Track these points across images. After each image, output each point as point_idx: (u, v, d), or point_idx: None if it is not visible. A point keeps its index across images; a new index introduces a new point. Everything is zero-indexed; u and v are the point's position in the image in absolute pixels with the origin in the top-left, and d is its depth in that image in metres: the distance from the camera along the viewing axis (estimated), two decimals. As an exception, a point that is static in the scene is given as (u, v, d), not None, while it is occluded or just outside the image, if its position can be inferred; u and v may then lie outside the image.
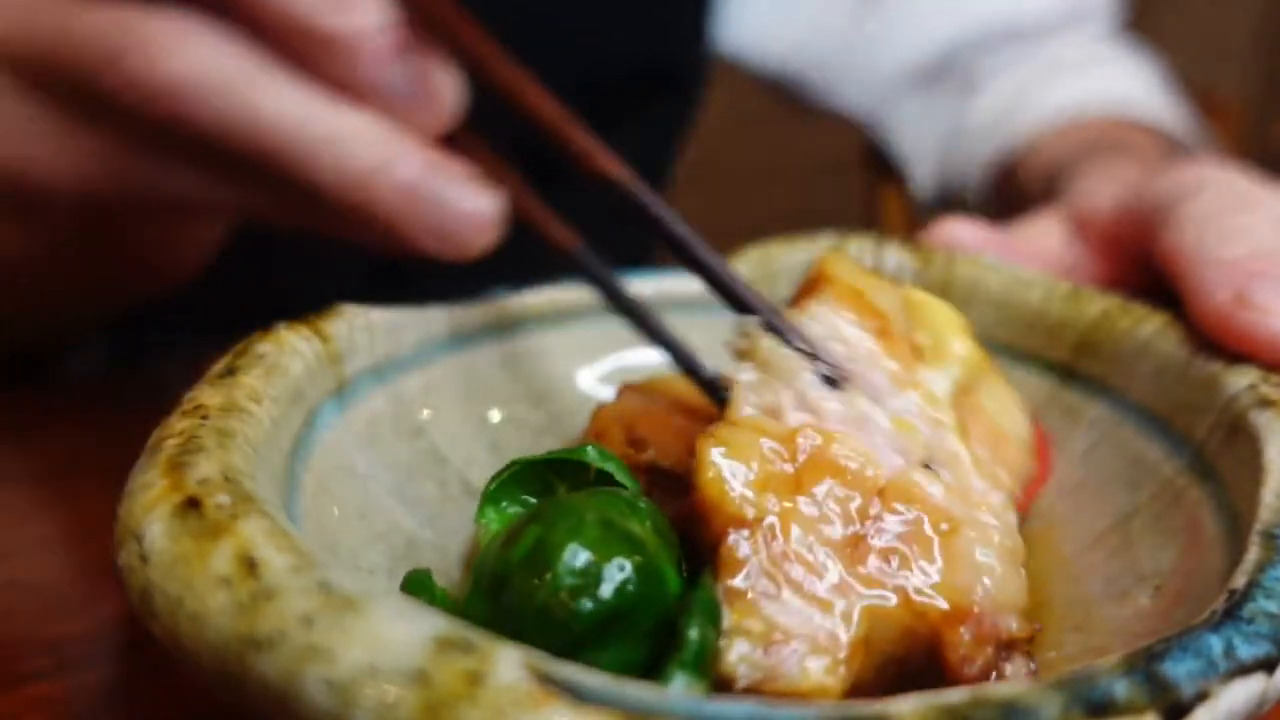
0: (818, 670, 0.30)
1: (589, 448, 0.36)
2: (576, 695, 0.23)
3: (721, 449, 0.32)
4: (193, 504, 0.28)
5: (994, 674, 0.31)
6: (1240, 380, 0.37)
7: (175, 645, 0.27)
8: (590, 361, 0.49)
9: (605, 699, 0.23)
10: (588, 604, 0.29)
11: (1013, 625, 0.32)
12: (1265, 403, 0.36)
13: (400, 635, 0.24)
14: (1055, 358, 0.45)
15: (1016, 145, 0.85)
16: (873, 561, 0.32)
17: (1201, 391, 0.39)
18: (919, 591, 0.32)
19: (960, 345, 0.38)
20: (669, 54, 0.87)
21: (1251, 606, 0.28)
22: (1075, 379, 0.44)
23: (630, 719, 0.23)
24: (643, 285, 0.49)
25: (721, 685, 0.30)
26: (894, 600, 0.31)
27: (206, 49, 0.39)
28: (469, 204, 0.40)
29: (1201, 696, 0.25)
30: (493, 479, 0.37)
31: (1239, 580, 0.29)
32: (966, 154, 0.90)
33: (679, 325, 0.44)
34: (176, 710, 0.36)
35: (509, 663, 0.23)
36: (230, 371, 0.36)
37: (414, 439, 0.43)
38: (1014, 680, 0.31)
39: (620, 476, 0.36)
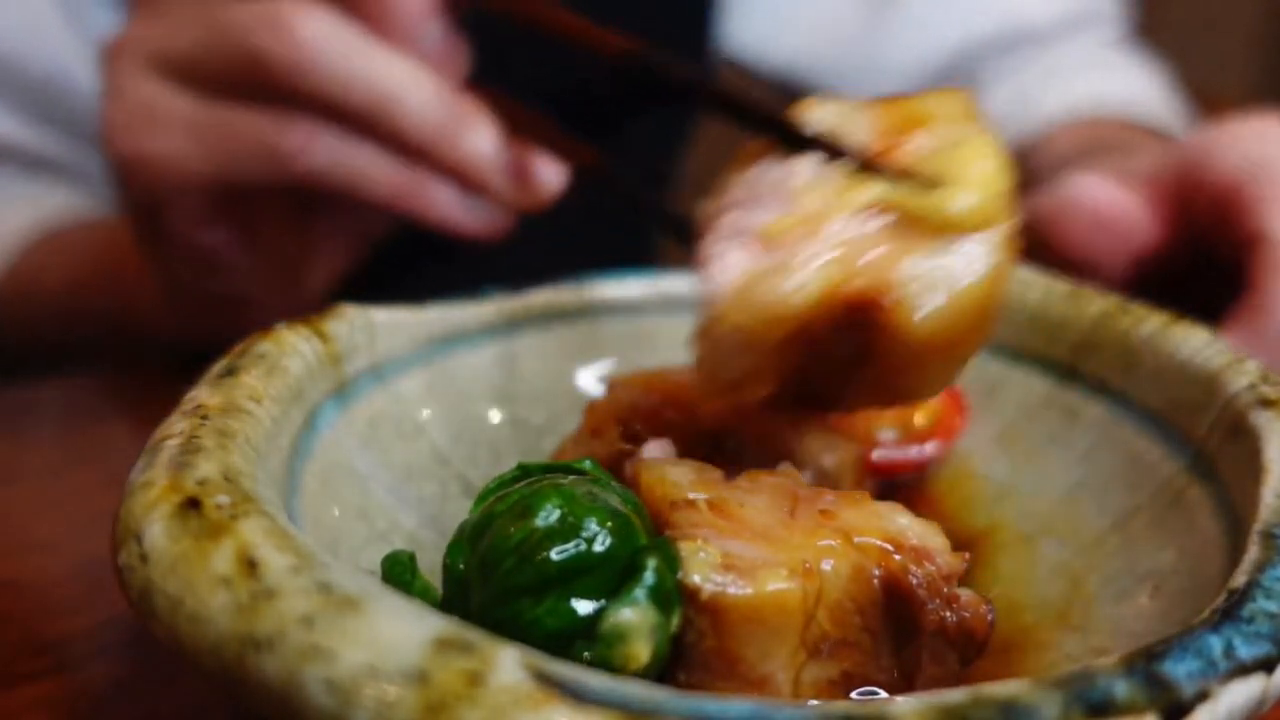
0: (776, 580, 0.31)
1: (587, 461, 0.36)
2: (576, 695, 0.23)
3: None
4: (193, 504, 0.28)
5: (953, 605, 0.32)
6: (1240, 379, 0.37)
7: (175, 645, 0.27)
8: (590, 361, 0.49)
9: (605, 699, 0.23)
10: (559, 551, 0.30)
11: (949, 560, 0.33)
12: (1265, 402, 0.36)
13: (400, 635, 0.24)
14: (1055, 357, 0.45)
15: (1022, 144, 0.85)
16: (808, 515, 0.34)
17: (1201, 391, 0.39)
18: (857, 531, 0.33)
19: (964, 198, 0.35)
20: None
21: (1251, 606, 0.28)
22: (1075, 379, 0.44)
23: (630, 719, 0.23)
24: (642, 286, 0.49)
25: (686, 597, 0.31)
26: (836, 542, 0.32)
27: (329, 19, 0.50)
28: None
29: (1201, 696, 0.25)
30: (492, 480, 0.37)
31: (1239, 580, 0.29)
32: None
33: (677, 326, 0.45)
34: (176, 710, 0.36)
35: (509, 663, 0.23)
36: (230, 371, 0.36)
37: (414, 439, 0.43)
38: (969, 604, 0.33)
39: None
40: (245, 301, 0.59)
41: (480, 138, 0.50)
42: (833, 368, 0.35)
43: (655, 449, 0.38)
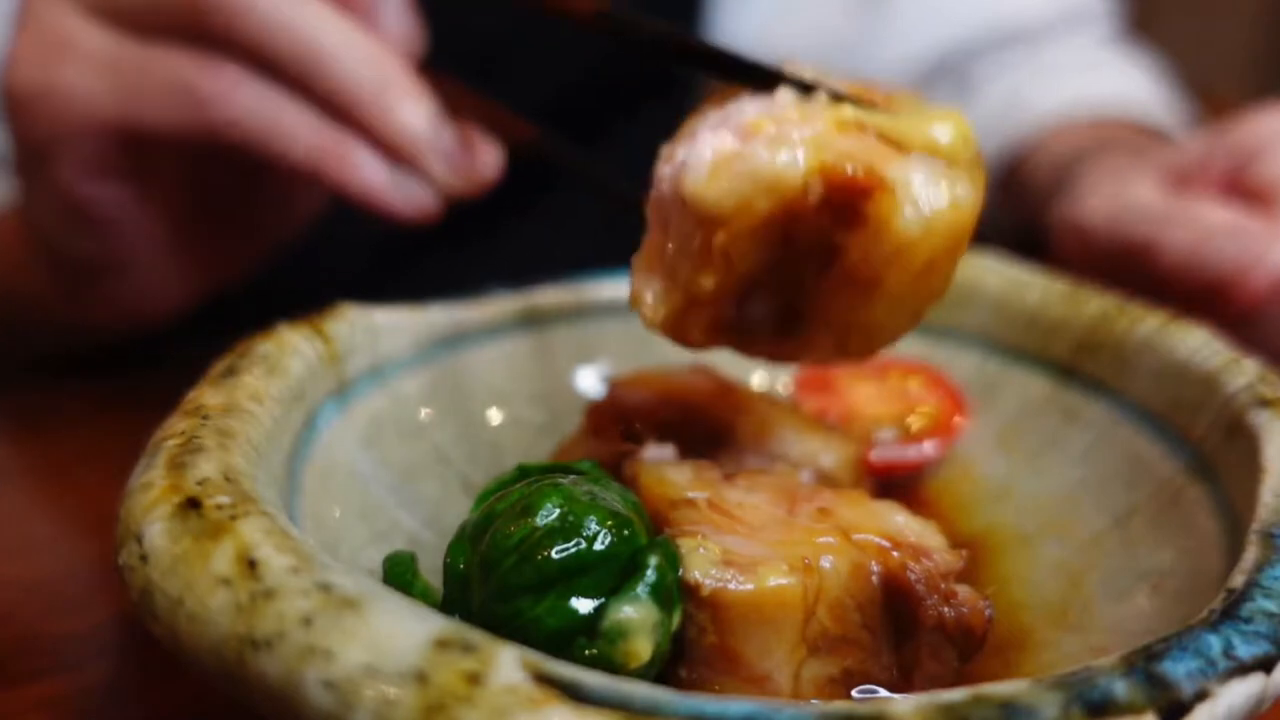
0: (776, 576, 0.31)
1: (586, 462, 0.36)
2: (576, 695, 0.23)
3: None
4: (193, 504, 0.28)
5: (951, 601, 0.32)
6: (1238, 379, 0.37)
7: (175, 645, 0.27)
8: (590, 361, 0.49)
9: (605, 699, 0.23)
10: (559, 550, 0.30)
11: (946, 557, 0.33)
12: (1263, 401, 0.36)
13: (399, 635, 0.24)
14: (1054, 357, 0.45)
15: (1018, 144, 0.85)
16: (806, 514, 0.34)
17: (1200, 390, 0.39)
18: (856, 529, 0.33)
19: (943, 129, 0.34)
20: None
21: (1250, 606, 0.28)
22: (1074, 378, 0.44)
23: (630, 718, 0.23)
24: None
25: (687, 593, 0.31)
26: (835, 540, 0.33)
27: None
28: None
29: (1201, 696, 0.25)
30: (492, 480, 0.37)
31: (1237, 580, 0.29)
32: None
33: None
34: (176, 710, 0.36)
35: (508, 663, 0.23)
36: (231, 371, 0.36)
37: (414, 439, 0.43)
38: (967, 601, 0.32)
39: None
40: (124, 271, 0.55)
41: (414, 108, 0.47)
42: (793, 272, 0.33)
43: (655, 449, 0.38)
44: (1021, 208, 0.82)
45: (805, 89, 0.34)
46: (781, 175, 0.31)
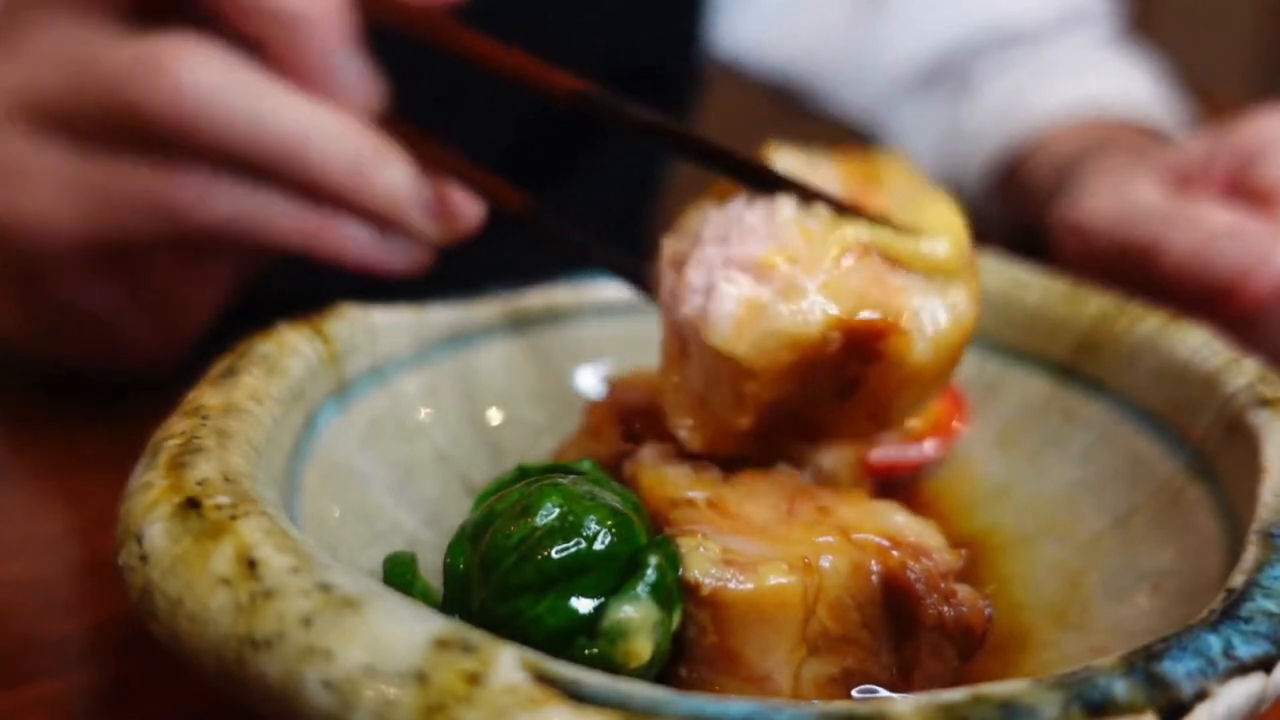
0: (776, 575, 0.31)
1: (585, 462, 0.36)
2: (576, 695, 0.23)
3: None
4: (192, 504, 0.28)
5: (951, 601, 0.33)
6: (1238, 379, 0.37)
7: (175, 645, 0.27)
8: (590, 361, 0.49)
9: (605, 699, 0.23)
10: (559, 550, 0.30)
11: (946, 557, 0.33)
12: (1263, 401, 0.36)
13: (399, 636, 0.24)
14: (1054, 357, 0.45)
15: (1017, 145, 0.85)
16: (806, 514, 0.35)
17: (1200, 390, 0.39)
18: (855, 528, 0.34)
19: (941, 245, 0.36)
20: (659, 55, 0.87)
21: (1250, 605, 0.28)
22: (1074, 378, 0.44)
23: (630, 719, 0.23)
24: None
25: (687, 593, 0.31)
26: (834, 539, 0.33)
27: (216, 61, 0.44)
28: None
29: (1201, 696, 0.25)
30: (491, 481, 0.37)
31: (1237, 579, 0.29)
32: (964, 154, 0.90)
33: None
34: (176, 710, 0.36)
35: (508, 663, 0.23)
36: (231, 372, 0.36)
37: (414, 439, 0.43)
38: (967, 600, 0.33)
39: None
40: (113, 332, 0.54)
41: (394, 174, 0.46)
42: (817, 397, 0.35)
43: (655, 449, 0.38)
44: (1021, 208, 0.82)
45: (805, 196, 0.35)
46: (802, 331, 0.33)
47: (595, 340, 0.49)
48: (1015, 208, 0.83)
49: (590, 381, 0.49)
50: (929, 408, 0.38)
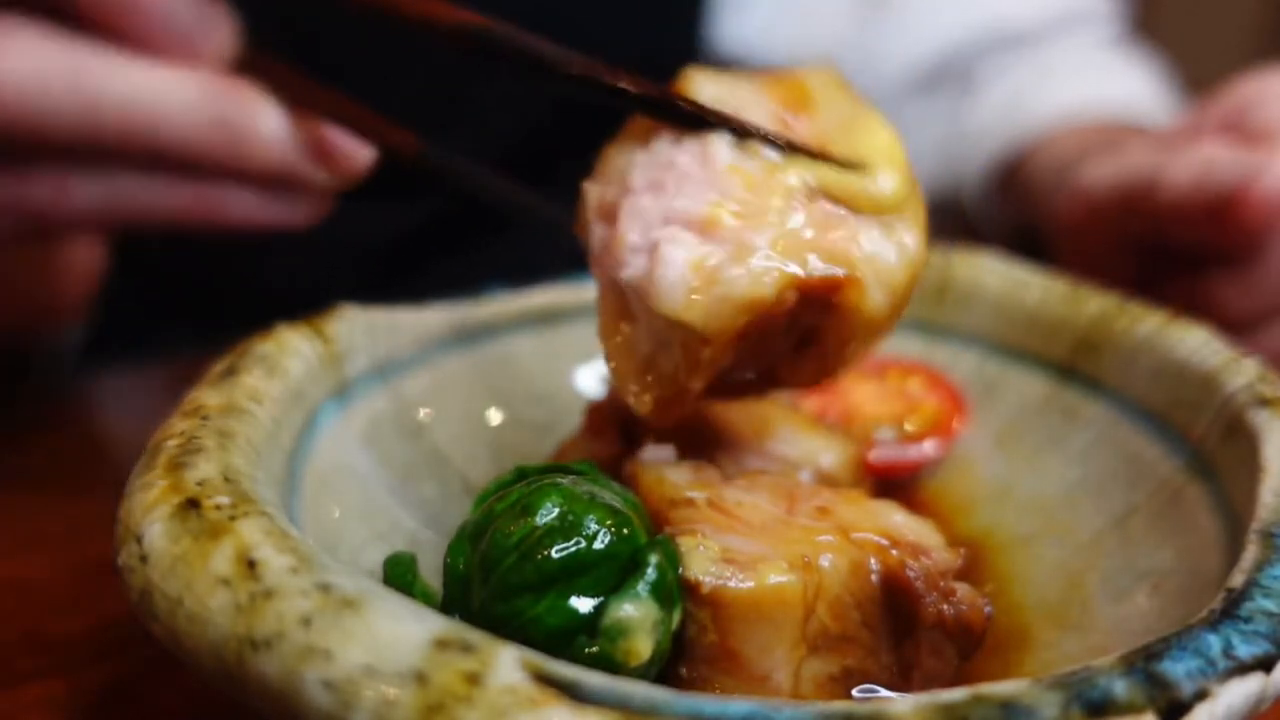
0: (776, 573, 0.31)
1: (584, 463, 0.36)
2: (575, 695, 0.23)
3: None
4: (192, 505, 0.28)
5: (950, 599, 0.33)
6: (1237, 378, 0.37)
7: (175, 645, 0.27)
8: (590, 361, 0.49)
9: (604, 699, 0.23)
10: (559, 549, 0.30)
11: (945, 555, 0.33)
12: (1263, 401, 0.36)
13: (399, 636, 0.24)
14: (1054, 357, 0.45)
15: (1020, 145, 0.85)
16: (805, 513, 0.34)
17: (1199, 389, 0.39)
18: (854, 528, 0.33)
19: (886, 180, 0.35)
20: (661, 55, 0.87)
21: (1250, 605, 0.28)
22: (1074, 378, 0.44)
23: (629, 718, 0.23)
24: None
25: (688, 591, 0.31)
26: (834, 538, 0.33)
27: (25, 43, 0.39)
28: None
29: (1200, 695, 0.25)
30: (491, 482, 0.37)
31: (1237, 579, 0.29)
32: (964, 155, 0.90)
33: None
34: (176, 710, 0.36)
35: (507, 663, 0.23)
36: (231, 372, 0.36)
37: (414, 439, 0.43)
38: (966, 598, 0.33)
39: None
40: None
41: (265, 124, 0.41)
42: (773, 351, 0.35)
43: (654, 449, 0.38)
44: (1022, 208, 0.82)
45: (739, 135, 0.34)
46: (757, 294, 0.32)
47: (595, 340, 0.49)
48: (1016, 208, 0.83)
49: (590, 381, 0.49)
50: (879, 346, 0.37)
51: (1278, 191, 0.53)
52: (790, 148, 0.34)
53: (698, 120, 0.34)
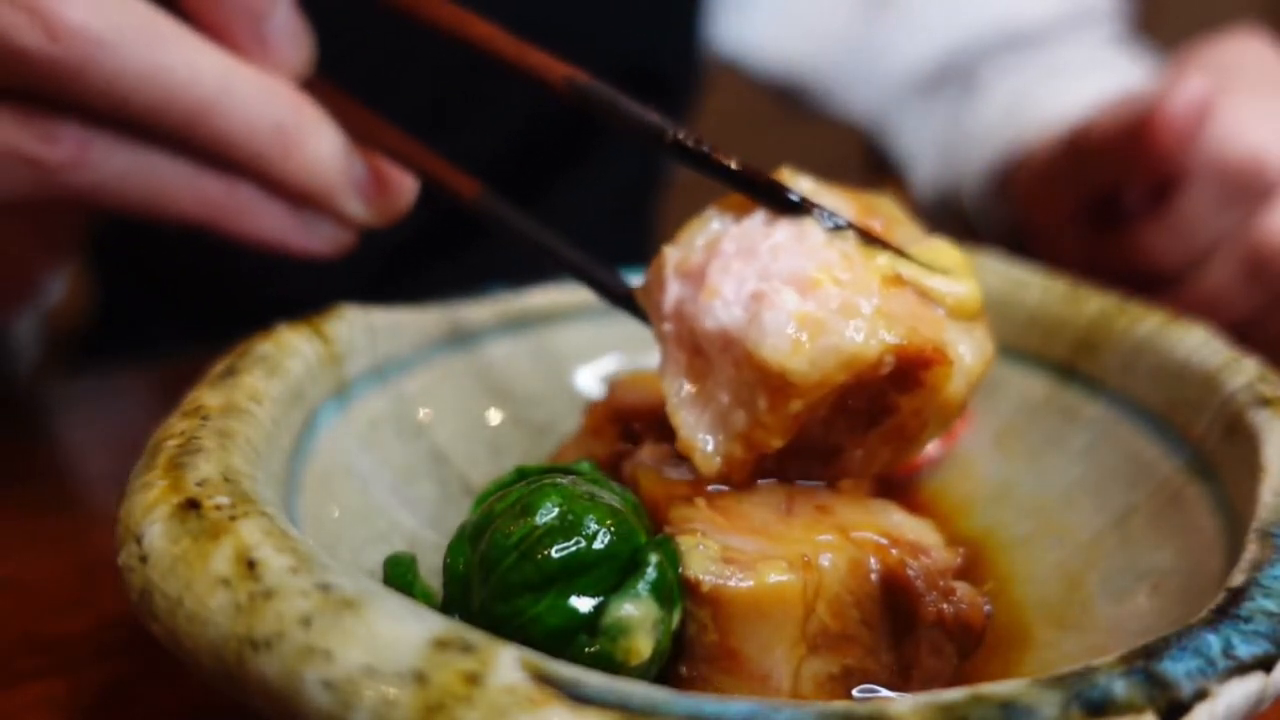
0: (775, 572, 0.31)
1: (584, 462, 0.36)
2: (575, 695, 0.23)
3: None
4: (192, 505, 0.28)
5: (950, 598, 0.33)
6: (1238, 378, 0.37)
7: (175, 645, 0.27)
8: (590, 361, 0.49)
9: (604, 699, 0.23)
10: (559, 549, 0.31)
11: (944, 554, 0.34)
12: (1263, 400, 0.36)
13: (398, 636, 0.24)
14: (1053, 357, 0.45)
15: (1021, 147, 0.85)
16: (805, 512, 0.35)
17: (1199, 389, 0.39)
18: (854, 527, 0.34)
19: (970, 286, 0.36)
20: (658, 56, 0.87)
21: (1250, 605, 0.28)
22: (1073, 378, 0.44)
23: (629, 718, 0.23)
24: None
25: (687, 590, 0.31)
26: (833, 537, 0.33)
27: (103, 4, 0.38)
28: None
29: (1200, 695, 0.25)
30: (490, 483, 0.37)
31: (1237, 579, 0.29)
32: (967, 156, 0.90)
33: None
34: (176, 710, 0.36)
35: (507, 663, 0.23)
36: (231, 372, 0.36)
37: (414, 439, 0.43)
38: (966, 597, 0.33)
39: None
40: None
41: (322, 144, 0.41)
42: (847, 423, 0.35)
43: (654, 449, 0.38)
44: (1016, 208, 0.82)
45: (833, 223, 0.35)
46: (863, 352, 0.32)
47: (595, 340, 0.49)
48: (1016, 208, 0.83)
49: (590, 381, 0.49)
50: (936, 438, 0.38)
51: (1185, 105, 0.55)
52: (881, 243, 0.35)
53: (795, 206, 0.35)
